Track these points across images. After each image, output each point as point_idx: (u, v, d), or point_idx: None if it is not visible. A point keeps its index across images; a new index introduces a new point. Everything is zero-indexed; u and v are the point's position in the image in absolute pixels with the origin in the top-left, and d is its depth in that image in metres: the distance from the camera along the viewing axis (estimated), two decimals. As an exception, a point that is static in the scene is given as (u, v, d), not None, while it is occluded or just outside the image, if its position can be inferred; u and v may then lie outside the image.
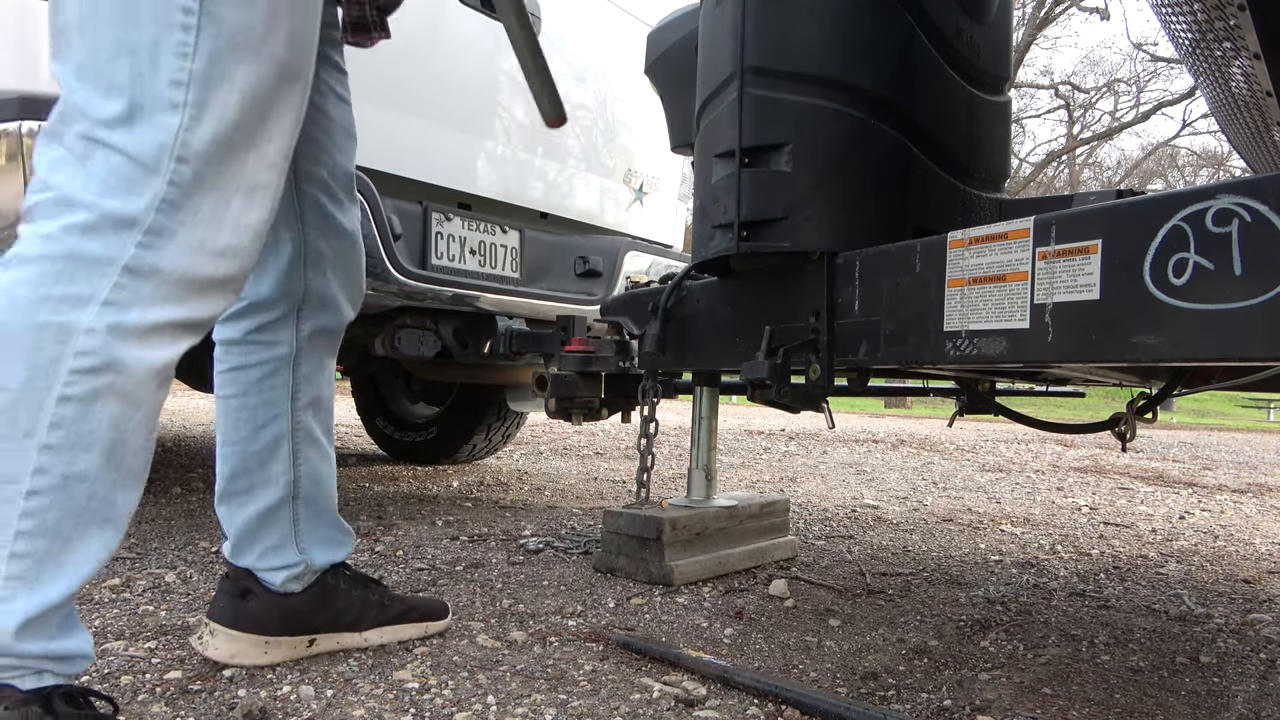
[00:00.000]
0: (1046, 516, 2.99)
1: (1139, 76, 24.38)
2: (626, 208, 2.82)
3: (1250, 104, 1.17)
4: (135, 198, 0.78)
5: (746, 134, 1.32)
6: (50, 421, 0.75)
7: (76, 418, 0.76)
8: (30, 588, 0.76)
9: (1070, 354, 0.96)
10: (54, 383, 0.75)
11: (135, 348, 0.79)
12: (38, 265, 0.76)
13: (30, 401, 0.75)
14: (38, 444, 0.75)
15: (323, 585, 1.22)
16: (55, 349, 0.75)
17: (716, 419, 1.99)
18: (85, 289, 0.76)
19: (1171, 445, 7.66)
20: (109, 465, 0.79)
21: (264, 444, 1.16)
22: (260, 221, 0.89)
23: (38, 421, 0.75)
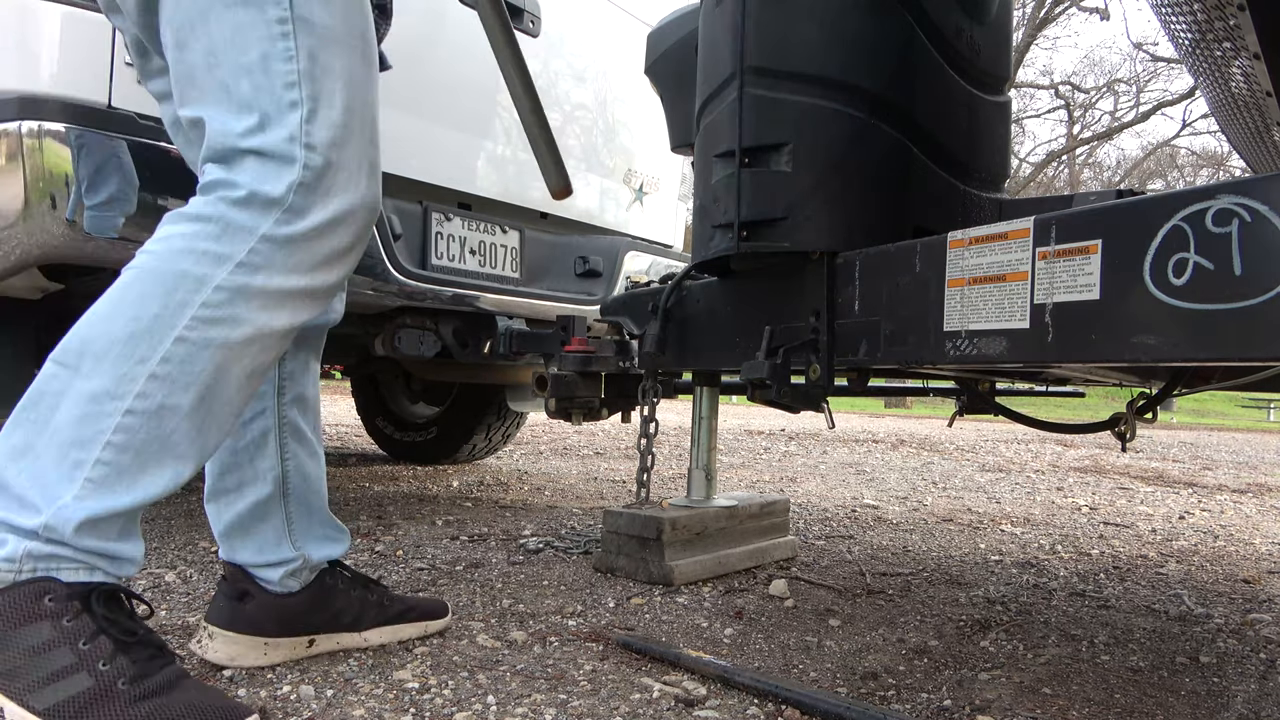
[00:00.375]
0: (1046, 516, 2.99)
1: (1139, 76, 24.40)
2: (626, 208, 2.82)
3: (1250, 104, 1.17)
4: (278, 183, 0.90)
5: (746, 134, 1.32)
6: (163, 355, 0.86)
7: (186, 357, 0.87)
8: (102, 493, 0.85)
9: (1070, 354, 0.96)
10: (177, 323, 0.86)
11: (257, 309, 0.90)
12: (193, 224, 0.89)
13: (154, 334, 0.86)
14: (147, 371, 0.85)
15: (320, 585, 1.22)
16: (186, 295, 0.87)
17: (716, 419, 1.99)
18: (227, 249, 0.88)
19: (1171, 445, 7.66)
20: (199, 407, 0.89)
21: (251, 439, 1.17)
22: (378, 197, 0.99)
23: (154, 352, 0.85)
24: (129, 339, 0.85)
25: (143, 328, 0.85)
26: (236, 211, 0.89)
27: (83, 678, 0.81)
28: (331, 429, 5.38)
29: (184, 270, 0.87)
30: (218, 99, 0.91)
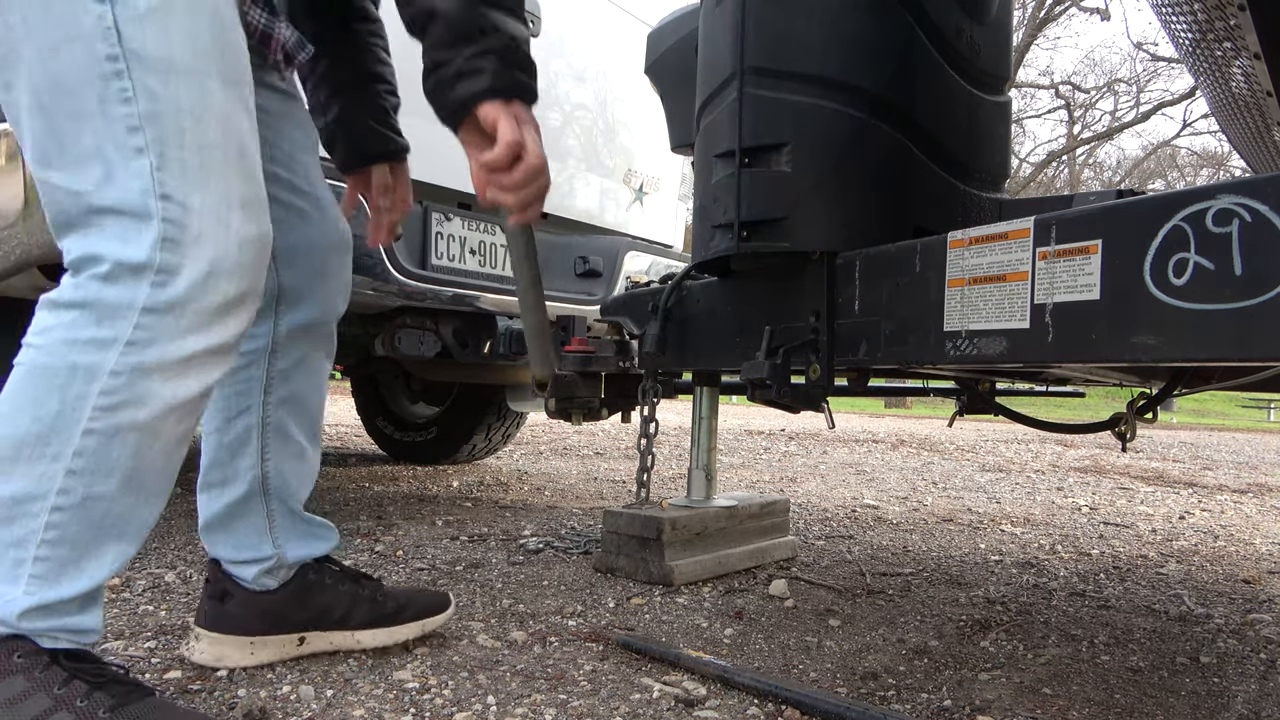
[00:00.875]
0: (1046, 516, 2.99)
1: (1139, 76, 24.38)
2: (626, 208, 2.82)
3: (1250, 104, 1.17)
4: (140, 245, 0.82)
5: (746, 134, 1.32)
6: (75, 450, 0.83)
7: (98, 448, 0.83)
8: (50, 586, 0.84)
9: (1070, 354, 0.96)
10: (80, 416, 0.82)
11: (159, 383, 0.84)
12: (69, 311, 0.83)
13: (60, 431, 0.82)
14: (63, 468, 0.82)
15: (302, 581, 1.20)
16: (82, 387, 0.82)
17: (716, 419, 1.99)
18: (109, 332, 0.82)
19: (1171, 445, 7.66)
20: (127, 488, 0.86)
21: (234, 435, 1.16)
22: (263, 233, 0.90)
23: (65, 448, 0.82)
24: (37, 439, 0.82)
25: (47, 427, 0.82)
26: (108, 288, 0.82)
27: (64, 715, 0.82)
28: (331, 429, 5.38)
29: (73, 363, 0.82)
30: (50, 152, 0.83)
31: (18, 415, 0.83)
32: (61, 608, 0.85)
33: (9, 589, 0.83)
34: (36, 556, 0.83)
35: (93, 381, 0.82)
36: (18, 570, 0.83)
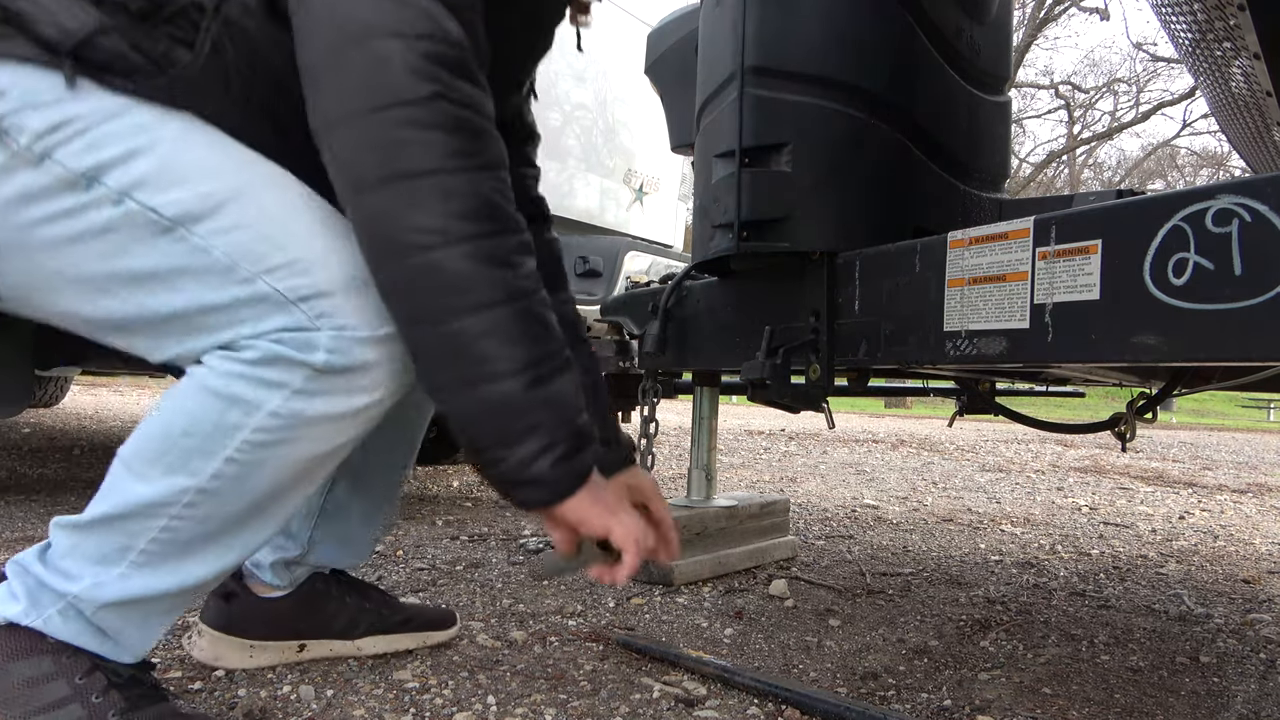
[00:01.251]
0: (1046, 516, 2.99)
1: (1139, 76, 24.38)
2: (626, 208, 2.82)
3: (1250, 104, 1.17)
4: (309, 351, 0.81)
5: (746, 134, 1.32)
6: (213, 473, 0.82)
7: (237, 475, 0.83)
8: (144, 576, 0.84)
9: (1070, 354, 0.96)
10: (229, 444, 0.82)
11: (313, 431, 0.83)
12: (249, 351, 0.81)
13: (206, 453, 0.82)
14: (197, 485, 0.82)
15: (310, 589, 1.20)
16: (240, 419, 0.81)
17: (716, 419, 1.99)
18: (281, 377, 0.81)
19: (1171, 445, 7.66)
20: (250, 513, 0.86)
21: None
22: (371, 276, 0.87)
23: (205, 468, 0.82)
24: (182, 453, 0.82)
25: (197, 445, 0.82)
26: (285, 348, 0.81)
27: (75, 708, 0.83)
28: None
29: (236, 394, 0.81)
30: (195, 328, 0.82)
31: (171, 426, 0.83)
32: (135, 608, 0.86)
33: (104, 571, 0.84)
34: (143, 549, 0.84)
35: (251, 416, 0.81)
36: (122, 556, 0.84)
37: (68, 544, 0.85)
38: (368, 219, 0.78)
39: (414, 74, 0.74)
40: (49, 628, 0.84)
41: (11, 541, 1.89)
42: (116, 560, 0.84)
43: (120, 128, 0.79)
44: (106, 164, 0.78)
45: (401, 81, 0.74)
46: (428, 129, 0.75)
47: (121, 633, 0.86)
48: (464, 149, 0.76)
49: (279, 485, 0.86)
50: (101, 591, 0.84)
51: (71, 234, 0.79)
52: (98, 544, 0.84)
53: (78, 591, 0.84)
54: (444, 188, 0.76)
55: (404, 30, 0.75)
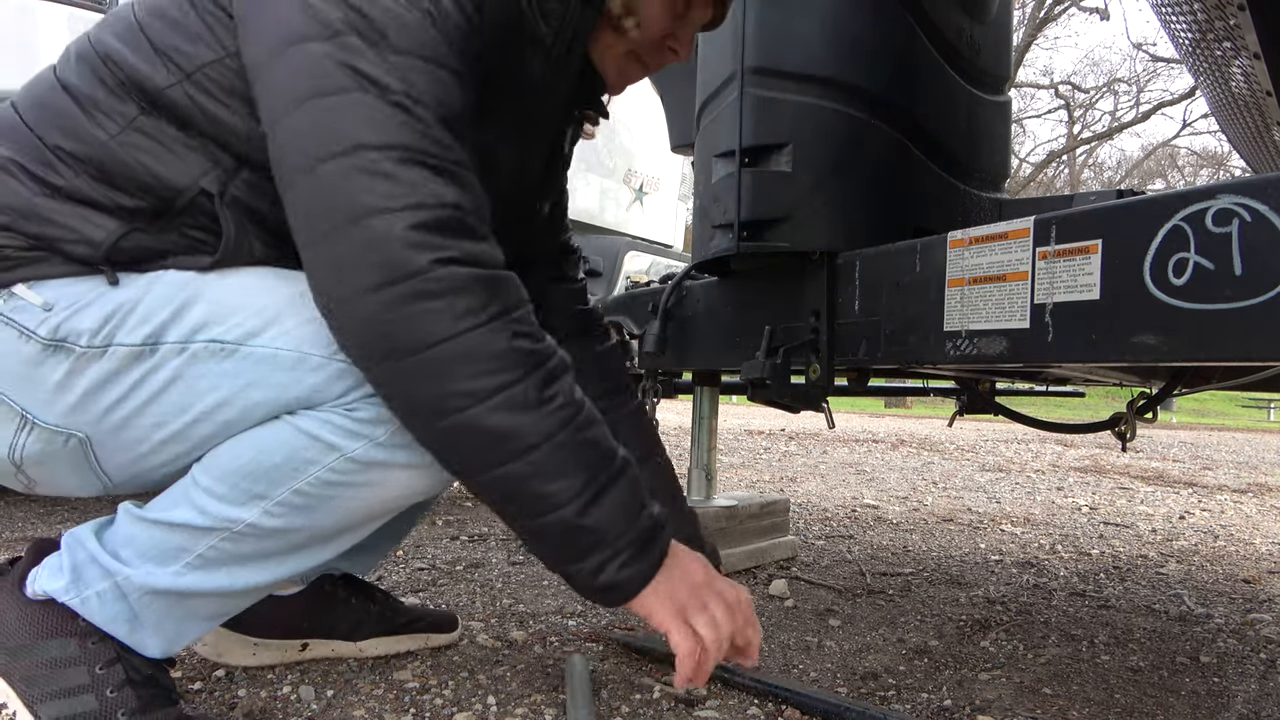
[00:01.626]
0: (1046, 516, 2.99)
1: (1139, 76, 24.39)
2: (626, 208, 2.82)
3: (1250, 104, 1.17)
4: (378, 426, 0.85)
5: (746, 134, 1.32)
6: (279, 500, 0.84)
7: (304, 505, 0.85)
8: (195, 574, 0.86)
9: (1070, 354, 0.96)
10: (301, 477, 0.84)
11: (384, 477, 0.87)
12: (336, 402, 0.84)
13: (275, 481, 0.84)
14: (263, 509, 0.84)
15: (319, 591, 1.21)
16: (317, 456, 0.84)
17: (716, 419, 1.98)
18: (363, 430, 0.84)
19: (1171, 445, 7.66)
20: (312, 539, 0.89)
21: None
22: None
23: (273, 493, 0.84)
24: (256, 476, 0.84)
25: (268, 471, 0.84)
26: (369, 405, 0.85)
27: (89, 699, 0.84)
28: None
29: (316, 435, 0.84)
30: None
31: (250, 446, 0.84)
32: (180, 603, 0.86)
33: (159, 566, 0.85)
34: (201, 554, 0.85)
35: (328, 456, 0.84)
36: (179, 557, 0.85)
37: (128, 532, 0.86)
38: (395, 394, 0.80)
39: (410, 247, 0.75)
40: (86, 609, 0.85)
41: (11, 541, 1.89)
42: (173, 559, 0.85)
43: (165, 290, 0.83)
44: (163, 326, 0.82)
45: (398, 256, 0.75)
46: (432, 298, 0.75)
47: (160, 625, 0.87)
48: (473, 307, 0.77)
49: (346, 524, 0.90)
50: (151, 579, 0.85)
51: (148, 397, 0.82)
52: (158, 541, 0.85)
53: (128, 574, 0.84)
54: (460, 351, 0.76)
55: (392, 205, 0.75)
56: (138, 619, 0.86)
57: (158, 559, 0.85)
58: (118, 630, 0.86)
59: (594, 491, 0.82)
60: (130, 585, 0.85)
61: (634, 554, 0.84)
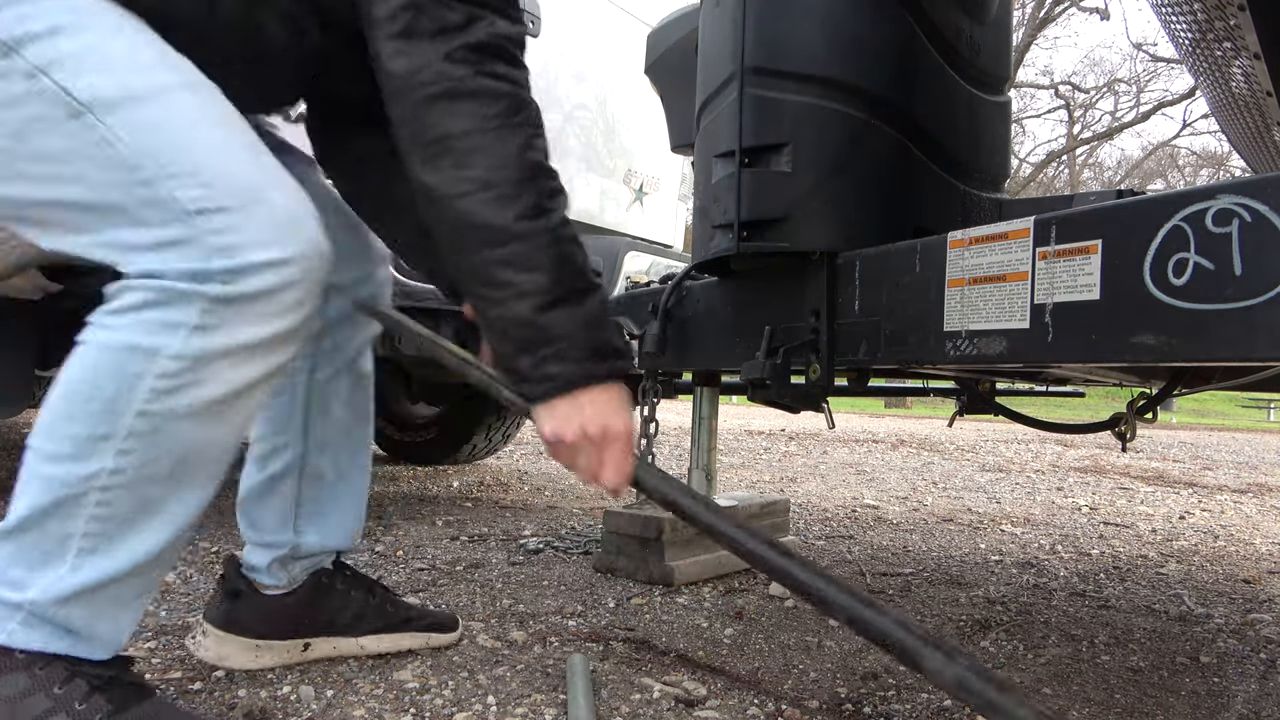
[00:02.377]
0: (1046, 516, 2.99)
1: (1139, 76, 24.38)
2: (626, 208, 2.82)
3: (1250, 104, 1.17)
4: (195, 260, 0.81)
5: (746, 134, 1.32)
6: (127, 430, 0.81)
7: (151, 430, 0.82)
8: (94, 562, 0.83)
9: (1070, 354, 0.96)
10: (135, 398, 0.81)
11: (224, 369, 0.82)
12: (135, 294, 0.81)
13: (114, 412, 0.81)
14: (114, 448, 0.81)
15: (315, 585, 1.21)
16: (141, 366, 0.80)
17: (716, 419, 1.99)
18: (177, 317, 0.80)
19: (1171, 445, 7.66)
20: (178, 472, 0.85)
21: (278, 414, 1.17)
22: (309, 210, 0.89)
23: (118, 429, 0.81)
24: (93, 419, 0.81)
25: (103, 407, 0.81)
26: (175, 283, 0.81)
27: (61, 719, 0.82)
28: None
29: (133, 344, 0.80)
30: (82, 222, 0.83)
31: (73, 395, 0.82)
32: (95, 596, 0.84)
33: (51, 570, 0.82)
34: (85, 534, 0.82)
35: (151, 362, 0.80)
36: (65, 548, 0.82)
37: (6, 553, 0.82)
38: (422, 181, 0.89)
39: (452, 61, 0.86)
40: (14, 641, 0.82)
41: None
42: (60, 554, 0.82)
43: (51, 4, 0.80)
44: (28, 37, 0.78)
45: (441, 68, 0.86)
46: (461, 99, 0.86)
47: (92, 627, 0.84)
48: (498, 113, 0.87)
49: (205, 433, 0.84)
50: (57, 588, 0.82)
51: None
52: (36, 542, 0.82)
53: (33, 597, 0.81)
54: (476, 146, 0.86)
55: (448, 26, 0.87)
56: (69, 630, 0.83)
57: (47, 562, 0.82)
58: (58, 647, 0.83)
59: (558, 295, 0.88)
60: (40, 605, 0.82)
61: (579, 357, 0.89)
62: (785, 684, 1.22)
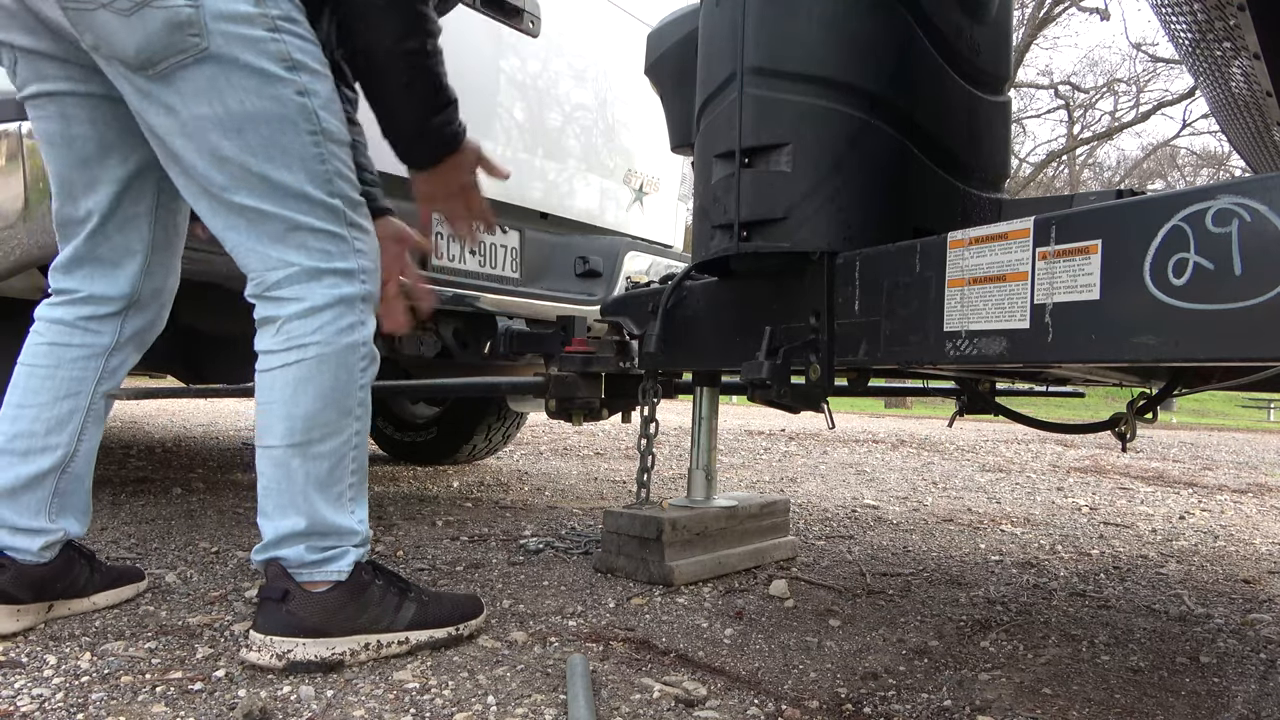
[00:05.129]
0: (1046, 516, 2.99)
1: (1139, 76, 24.39)
2: (626, 208, 2.82)
3: (1250, 104, 1.17)
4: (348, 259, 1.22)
5: (746, 134, 1.32)
6: (358, 401, 1.23)
7: (365, 396, 1.24)
8: (362, 507, 1.26)
9: (1070, 354, 0.96)
10: (359, 377, 1.22)
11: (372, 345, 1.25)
12: (331, 309, 1.19)
13: (351, 391, 1.22)
14: (354, 418, 1.23)
15: (66, 558, 1.35)
16: (354, 358, 1.21)
17: (716, 419, 1.98)
18: (358, 317, 1.22)
19: (1171, 445, 7.66)
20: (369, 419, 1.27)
21: (57, 415, 1.31)
22: None
23: (353, 404, 1.22)
24: (337, 403, 1.19)
25: (345, 392, 1.20)
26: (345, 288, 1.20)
27: (404, 603, 1.27)
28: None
29: (350, 342, 1.20)
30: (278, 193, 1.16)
31: (332, 391, 1.19)
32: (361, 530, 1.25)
33: (346, 519, 1.22)
34: (350, 484, 1.23)
35: (355, 353, 1.21)
36: (340, 504, 1.22)
37: (328, 510, 1.21)
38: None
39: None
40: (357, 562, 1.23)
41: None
42: (343, 510, 1.23)
43: (316, 50, 1.19)
44: (304, 66, 1.16)
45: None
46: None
47: (369, 537, 1.27)
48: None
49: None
50: (358, 537, 1.24)
51: (261, 86, 1.13)
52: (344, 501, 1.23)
53: (365, 535, 1.25)
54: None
55: None
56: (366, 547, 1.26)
57: (354, 508, 1.25)
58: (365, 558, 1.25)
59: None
60: (366, 536, 1.26)
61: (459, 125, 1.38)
62: (785, 684, 1.22)
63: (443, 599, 1.34)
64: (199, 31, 1.08)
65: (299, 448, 1.17)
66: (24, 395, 1.30)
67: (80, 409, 1.33)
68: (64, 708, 1.03)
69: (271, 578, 1.19)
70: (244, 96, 1.11)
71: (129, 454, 3.65)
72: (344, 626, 1.19)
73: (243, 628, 1.34)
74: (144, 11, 1.07)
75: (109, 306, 1.34)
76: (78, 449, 1.33)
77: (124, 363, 1.39)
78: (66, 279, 1.33)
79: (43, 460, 1.30)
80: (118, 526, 2.11)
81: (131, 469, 3.18)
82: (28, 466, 1.29)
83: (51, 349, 1.31)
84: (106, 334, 1.35)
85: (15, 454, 1.29)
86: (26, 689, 1.08)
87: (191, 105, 1.12)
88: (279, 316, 1.17)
